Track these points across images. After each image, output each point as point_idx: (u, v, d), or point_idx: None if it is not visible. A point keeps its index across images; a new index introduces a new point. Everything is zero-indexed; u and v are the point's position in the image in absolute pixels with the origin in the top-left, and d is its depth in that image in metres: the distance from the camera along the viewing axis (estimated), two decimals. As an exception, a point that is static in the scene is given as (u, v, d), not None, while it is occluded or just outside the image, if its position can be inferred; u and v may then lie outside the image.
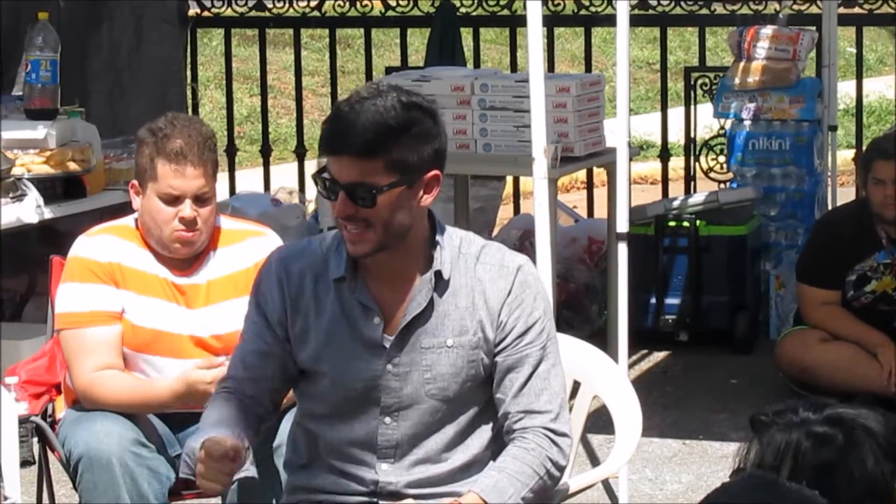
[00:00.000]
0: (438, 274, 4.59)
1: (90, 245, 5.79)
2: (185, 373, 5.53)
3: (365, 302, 4.61)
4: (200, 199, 5.65)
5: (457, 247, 4.65)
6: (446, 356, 4.61)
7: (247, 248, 5.80)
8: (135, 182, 5.75)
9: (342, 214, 4.48)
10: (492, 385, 4.66)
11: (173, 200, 5.62)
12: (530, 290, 4.63)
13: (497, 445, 4.73)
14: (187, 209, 5.62)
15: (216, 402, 4.74)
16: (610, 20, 8.01)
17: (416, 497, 4.65)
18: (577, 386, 5.42)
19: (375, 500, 4.70)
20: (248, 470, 4.58)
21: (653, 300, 9.69)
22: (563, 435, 4.64)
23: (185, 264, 5.76)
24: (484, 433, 4.74)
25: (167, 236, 5.67)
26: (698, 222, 9.75)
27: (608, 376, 5.46)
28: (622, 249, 7.36)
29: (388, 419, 4.66)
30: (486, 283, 4.62)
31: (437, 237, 4.62)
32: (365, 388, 4.64)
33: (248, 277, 5.55)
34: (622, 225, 7.42)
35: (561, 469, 4.66)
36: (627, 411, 5.26)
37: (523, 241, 9.63)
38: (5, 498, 5.46)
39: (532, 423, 4.61)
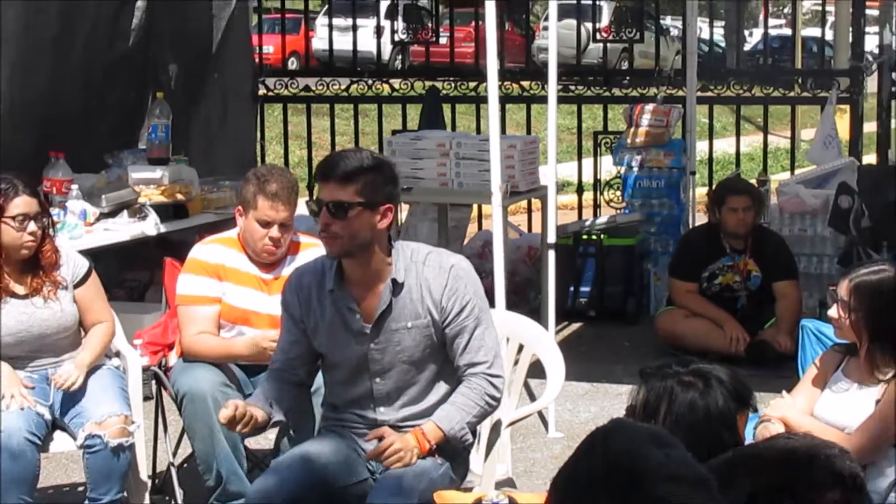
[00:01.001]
0: (394, 280, 4.60)
1: (203, 250, 5.84)
2: (256, 338, 5.54)
3: (349, 305, 4.64)
4: (284, 226, 5.70)
5: (408, 256, 4.66)
6: (408, 334, 4.63)
7: (308, 255, 5.81)
8: (239, 207, 5.79)
9: (323, 224, 4.51)
10: (444, 349, 4.67)
11: (266, 225, 5.65)
12: (461, 281, 4.63)
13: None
14: (275, 232, 5.67)
15: (266, 379, 4.82)
16: (543, 99, 7.96)
17: (404, 428, 4.65)
18: (521, 347, 5.39)
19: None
20: (276, 416, 4.69)
21: (571, 288, 9.66)
22: (497, 376, 4.67)
23: (269, 266, 5.78)
24: (446, 382, 4.73)
25: (260, 248, 5.70)
26: (602, 236, 9.74)
27: (542, 340, 5.43)
28: (551, 255, 7.36)
29: (378, 379, 4.69)
30: (430, 280, 4.63)
31: (393, 252, 4.63)
32: (358, 362, 4.68)
33: None
34: (551, 238, 7.41)
35: (497, 399, 4.69)
36: (555, 364, 5.24)
37: (484, 249, 9.60)
38: (133, 422, 5.43)
39: (474, 371, 4.64)
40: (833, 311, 4.80)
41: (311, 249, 5.85)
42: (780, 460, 2.40)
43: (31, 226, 5.42)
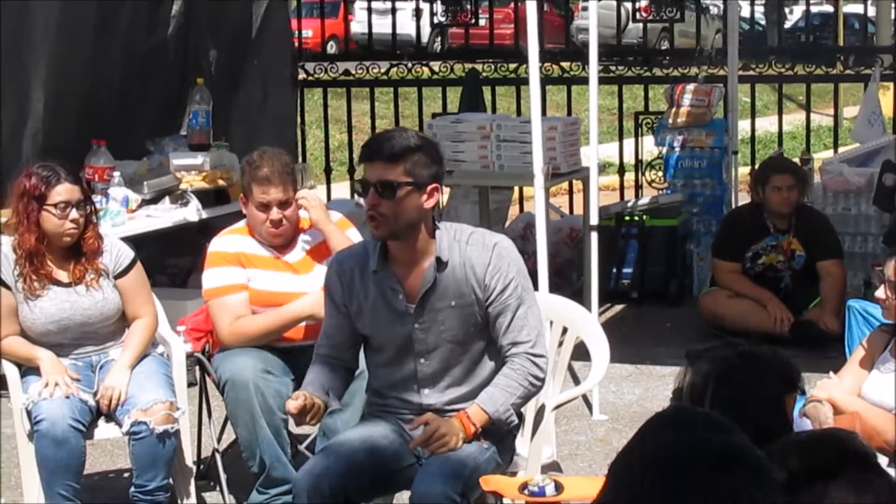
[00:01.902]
0: (438, 259, 4.57)
1: (221, 242, 5.86)
2: (309, 298, 5.57)
3: (392, 286, 4.61)
4: (283, 205, 5.69)
5: (452, 235, 4.64)
6: (452, 313, 4.60)
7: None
8: (242, 196, 5.78)
9: (370, 204, 4.48)
10: (489, 328, 4.64)
11: (264, 208, 5.65)
12: (504, 259, 4.60)
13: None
14: (275, 214, 5.69)
15: (312, 367, 4.79)
16: (583, 80, 7.92)
17: (449, 412, 4.63)
18: (565, 330, 5.36)
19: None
20: (332, 404, 4.71)
21: (614, 270, 9.62)
22: (540, 356, 4.64)
23: (283, 247, 5.78)
24: (490, 363, 4.70)
25: (264, 232, 5.74)
26: (644, 217, 9.69)
27: (586, 323, 5.40)
28: (593, 237, 7.32)
29: (422, 360, 4.66)
30: (473, 259, 4.60)
31: (437, 232, 4.60)
32: (403, 342, 4.65)
33: (323, 247, 5.62)
34: (593, 219, 7.38)
35: (540, 379, 4.67)
36: (600, 347, 5.21)
37: (525, 231, 9.56)
38: (178, 408, 5.43)
39: (517, 350, 4.61)
40: (880, 292, 4.75)
41: None
42: (788, 451, 2.40)
43: (73, 213, 5.42)
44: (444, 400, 4.68)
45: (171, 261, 9.00)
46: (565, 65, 11.26)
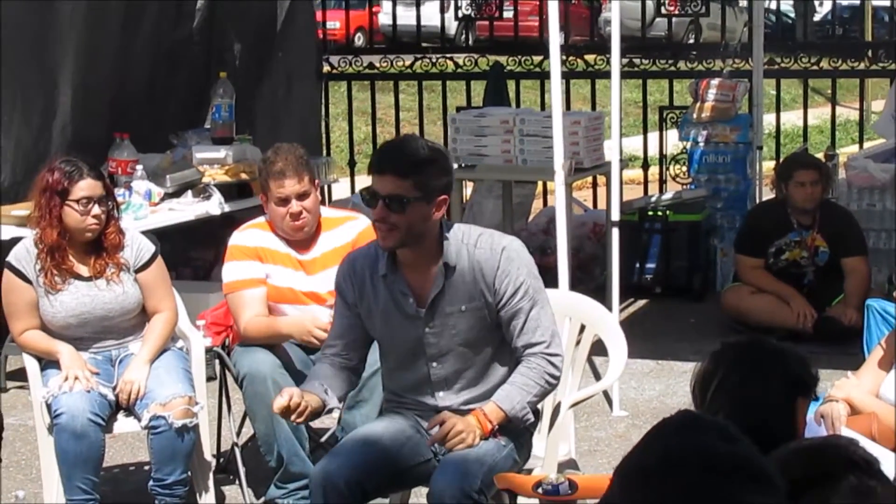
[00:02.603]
0: (446, 264, 4.57)
1: (242, 237, 5.88)
2: (306, 324, 5.55)
3: (402, 290, 4.61)
4: (301, 196, 5.71)
5: (460, 239, 4.62)
6: (463, 317, 4.60)
7: (345, 230, 5.90)
8: (262, 195, 5.81)
9: (378, 217, 4.46)
10: (500, 331, 4.63)
11: (283, 202, 5.68)
12: (513, 263, 4.58)
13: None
14: (294, 206, 5.70)
15: (317, 365, 4.81)
16: (608, 74, 7.90)
17: (465, 412, 4.62)
18: (583, 327, 5.36)
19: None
20: (331, 403, 4.67)
21: (637, 265, 9.62)
22: (556, 355, 4.63)
23: (303, 244, 5.81)
24: (503, 364, 4.70)
25: (286, 226, 5.75)
26: (668, 212, 9.68)
27: (605, 320, 5.39)
28: (615, 232, 7.31)
29: (434, 364, 4.66)
30: (482, 263, 4.58)
31: (445, 236, 4.59)
32: (414, 346, 4.65)
33: (346, 250, 5.66)
34: (615, 215, 7.37)
35: (556, 378, 4.66)
36: (617, 345, 5.20)
37: (549, 225, 9.56)
38: (197, 403, 5.45)
39: (532, 351, 4.59)
40: (899, 292, 4.74)
41: (348, 223, 5.89)
42: (789, 459, 2.40)
43: (96, 209, 5.45)
44: (459, 401, 4.68)
45: (195, 253, 9.05)
46: (590, 58, 11.24)
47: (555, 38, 6.65)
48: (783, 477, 2.30)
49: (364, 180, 12.75)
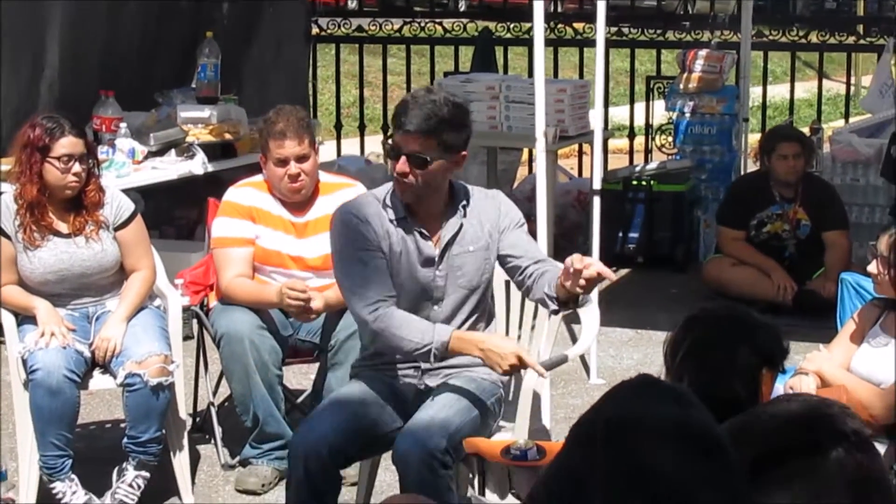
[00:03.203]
0: (464, 206, 4.70)
1: (237, 193, 5.88)
2: (282, 288, 5.56)
3: (422, 231, 4.67)
4: (301, 159, 5.75)
5: (460, 188, 4.76)
6: (470, 257, 4.72)
7: (341, 196, 5.84)
8: (262, 156, 5.81)
9: (400, 171, 4.55)
10: (490, 277, 4.81)
11: (282, 163, 5.69)
12: (508, 205, 4.82)
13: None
14: (292, 168, 5.73)
15: (398, 314, 4.65)
16: (595, 43, 7.90)
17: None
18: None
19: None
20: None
21: (620, 234, 9.63)
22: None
23: (299, 207, 5.81)
24: (485, 306, 4.85)
25: (283, 188, 5.74)
26: (652, 182, 9.69)
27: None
28: (596, 201, 7.34)
29: (436, 306, 4.74)
30: (482, 207, 4.74)
31: (456, 186, 4.73)
32: (423, 287, 4.72)
33: None
34: (597, 184, 7.38)
35: None
36: (590, 314, 5.22)
37: (533, 192, 9.49)
38: (173, 361, 5.46)
39: (545, 263, 4.76)
40: (872, 267, 4.76)
41: (345, 190, 5.88)
42: (780, 424, 2.38)
43: (76, 166, 5.44)
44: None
45: (178, 212, 9.05)
46: (579, 26, 11.22)
47: (539, 5, 6.65)
48: (770, 443, 2.30)
49: (351, 143, 12.77)
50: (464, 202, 4.72)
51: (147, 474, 5.41)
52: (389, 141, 4.68)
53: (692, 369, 3.21)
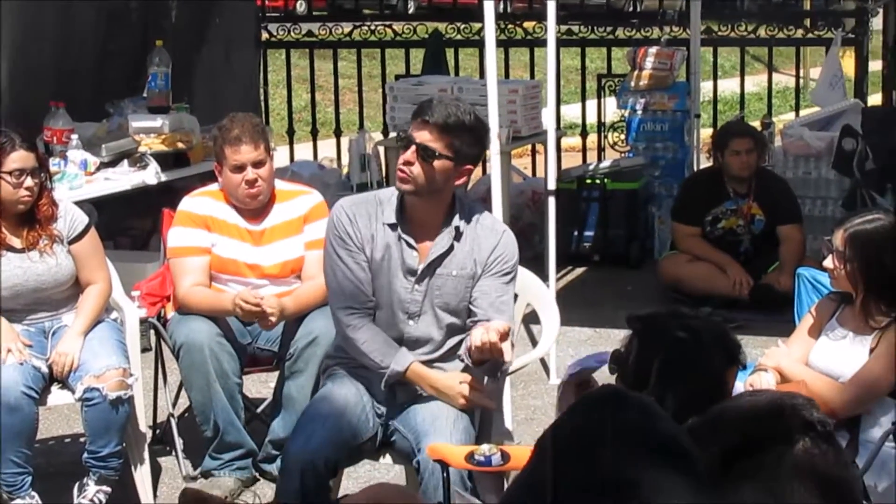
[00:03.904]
0: (457, 227, 4.68)
1: (192, 203, 5.86)
2: (236, 298, 5.53)
3: (409, 241, 4.67)
4: (257, 164, 5.73)
5: (467, 210, 4.75)
6: (450, 281, 4.71)
7: (298, 203, 5.87)
8: (217, 164, 5.79)
9: (405, 160, 4.57)
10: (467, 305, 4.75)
11: (238, 170, 5.67)
12: (510, 248, 4.76)
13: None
14: (249, 173, 5.71)
15: (365, 330, 4.72)
16: (546, 42, 7.91)
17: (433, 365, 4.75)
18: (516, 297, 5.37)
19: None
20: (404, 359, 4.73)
21: (576, 233, 9.64)
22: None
23: (255, 214, 5.79)
24: (461, 329, 4.77)
25: (240, 195, 5.72)
26: (606, 180, 9.70)
27: (538, 290, 5.41)
28: (551, 201, 7.34)
29: (411, 322, 4.73)
30: (482, 238, 4.72)
31: (457, 205, 4.72)
32: (399, 299, 4.72)
33: (297, 223, 5.64)
34: (551, 184, 7.39)
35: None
36: (550, 315, 5.23)
37: (488, 193, 9.51)
38: (131, 374, 5.42)
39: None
40: (828, 262, 4.78)
41: (302, 197, 5.87)
42: (747, 417, 2.40)
43: (28, 181, 5.39)
44: (424, 360, 4.75)
45: (132, 223, 8.99)
46: (529, 26, 11.23)
47: (489, 6, 6.64)
48: (736, 434, 2.31)
49: (303, 148, 12.73)
50: (458, 224, 4.70)
51: (108, 489, 5.37)
52: (404, 130, 4.72)
53: (665, 387, 3.20)
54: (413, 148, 4.57)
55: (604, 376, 3.58)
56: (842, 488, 2.39)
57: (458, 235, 4.69)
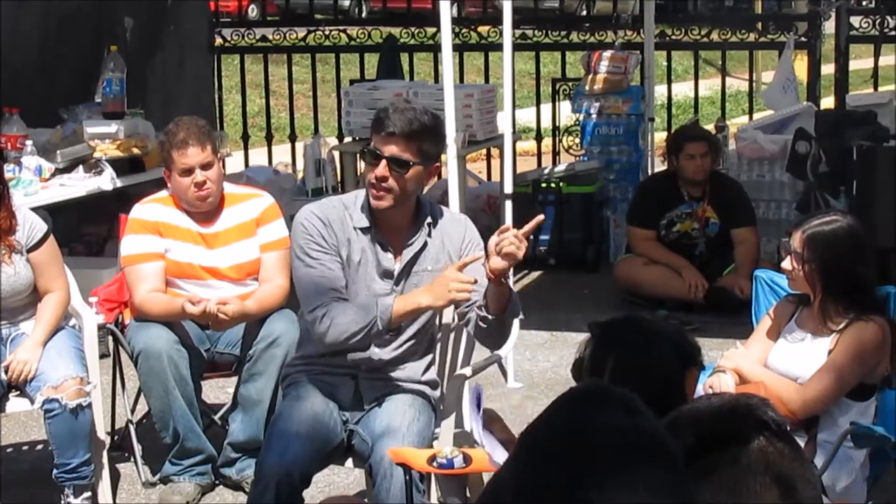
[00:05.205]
0: (430, 224, 4.70)
1: (142, 210, 5.85)
2: (209, 305, 5.53)
3: (384, 243, 4.68)
4: (205, 167, 5.73)
5: (428, 206, 4.78)
6: (426, 277, 4.70)
7: (249, 206, 5.89)
8: (166, 170, 5.81)
9: (380, 176, 4.54)
10: None
11: (187, 173, 5.68)
12: (475, 233, 4.84)
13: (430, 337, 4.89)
14: (198, 175, 5.70)
15: (337, 305, 4.64)
16: (501, 47, 7.94)
17: (390, 368, 4.77)
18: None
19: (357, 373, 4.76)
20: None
21: (531, 237, 9.61)
22: None
23: (206, 217, 5.80)
24: (433, 327, 4.87)
25: (190, 198, 5.72)
26: (561, 184, 9.75)
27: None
28: (508, 205, 7.36)
29: None
30: (449, 230, 4.75)
31: (422, 202, 4.74)
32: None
33: (250, 226, 5.65)
34: (508, 188, 7.41)
35: None
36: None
37: (443, 198, 9.54)
38: (89, 382, 5.40)
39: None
40: (786, 263, 4.81)
41: (253, 200, 5.88)
42: (702, 418, 2.42)
43: (-16, 195, 5.37)
44: (390, 356, 4.78)
45: (88, 229, 8.96)
46: (483, 30, 11.26)
47: (445, 11, 6.66)
48: (692, 435, 2.33)
49: (258, 153, 12.69)
50: (429, 220, 4.72)
51: (89, 494, 5.38)
52: (368, 148, 4.63)
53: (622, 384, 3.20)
54: (384, 163, 4.54)
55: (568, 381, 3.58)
56: (800, 484, 2.41)
57: (430, 232, 4.71)
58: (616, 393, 2.15)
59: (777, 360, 4.85)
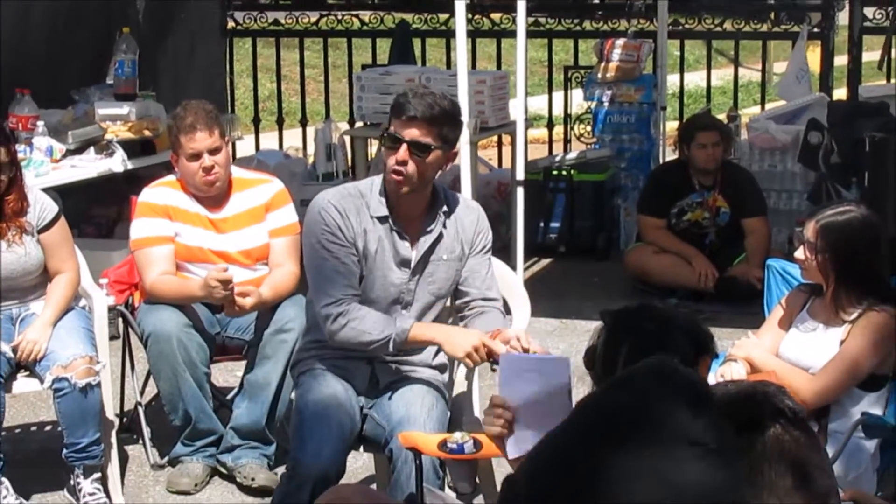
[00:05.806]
0: (446, 212, 4.69)
1: (152, 193, 5.84)
2: (206, 279, 5.51)
3: (401, 231, 4.66)
4: (213, 151, 5.72)
5: (442, 193, 4.76)
6: (443, 266, 4.72)
7: (258, 191, 5.87)
8: (173, 154, 5.80)
9: (399, 160, 4.53)
10: (453, 287, 4.79)
11: (195, 157, 5.66)
12: (485, 222, 4.83)
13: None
14: (206, 160, 5.69)
15: (362, 312, 4.64)
16: (513, 34, 7.92)
17: (399, 360, 4.77)
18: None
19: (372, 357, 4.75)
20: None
21: (542, 224, 9.66)
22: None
23: (215, 202, 5.79)
24: (447, 314, 4.90)
25: (198, 183, 5.72)
26: (572, 172, 9.73)
27: (509, 280, 5.42)
28: (520, 192, 7.34)
29: (405, 312, 4.71)
30: (462, 217, 4.74)
31: (438, 190, 4.73)
32: (396, 290, 4.70)
33: (259, 211, 5.64)
34: (520, 174, 7.39)
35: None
36: (521, 305, 5.24)
37: (454, 184, 9.53)
38: (98, 362, 5.41)
39: (492, 305, 4.79)
40: (799, 253, 4.80)
41: (262, 185, 5.87)
42: (719, 406, 2.40)
43: (-1, 176, 5.36)
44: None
45: (98, 210, 8.97)
46: (496, 17, 11.23)
47: (461, -2, 6.64)
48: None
49: (269, 137, 12.69)
50: (444, 208, 4.71)
51: (99, 474, 5.38)
52: (388, 132, 4.61)
53: None
54: (405, 147, 4.52)
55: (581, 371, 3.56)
56: (815, 473, 2.40)
57: (444, 222, 4.70)
58: (685, 382, 2.01)
59: (789, 349, 4.84)
